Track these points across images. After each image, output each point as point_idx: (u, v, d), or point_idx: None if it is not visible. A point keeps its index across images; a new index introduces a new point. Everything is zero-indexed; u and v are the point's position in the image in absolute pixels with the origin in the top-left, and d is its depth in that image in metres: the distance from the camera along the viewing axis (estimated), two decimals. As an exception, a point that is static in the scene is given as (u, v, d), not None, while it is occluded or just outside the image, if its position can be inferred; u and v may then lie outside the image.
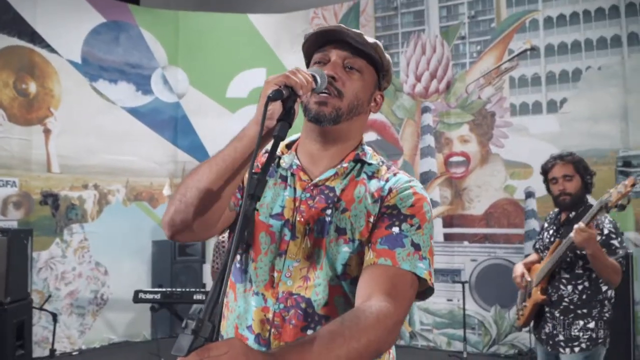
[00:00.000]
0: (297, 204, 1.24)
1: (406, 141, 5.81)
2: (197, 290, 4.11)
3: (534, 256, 2.83)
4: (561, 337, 2.52)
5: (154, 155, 6.04)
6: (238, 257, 1.27)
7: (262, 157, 1.31)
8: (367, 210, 1.21)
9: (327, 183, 1.25)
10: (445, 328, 5.44)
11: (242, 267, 1.26)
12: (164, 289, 4.13)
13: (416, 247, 1.15)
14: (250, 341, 1.20)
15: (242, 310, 1.24)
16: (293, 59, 6.14)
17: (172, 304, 4.15)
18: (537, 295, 2.64)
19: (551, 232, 2.72)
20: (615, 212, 2.44)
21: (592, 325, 2.48)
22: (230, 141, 1.14)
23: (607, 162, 4.90)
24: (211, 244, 6.01)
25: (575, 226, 2.37)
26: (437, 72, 5.68)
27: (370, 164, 1.29)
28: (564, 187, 2.60)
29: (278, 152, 1.32)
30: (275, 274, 1.21)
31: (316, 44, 1.28)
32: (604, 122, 4.98)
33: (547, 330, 2.59)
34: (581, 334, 2.48)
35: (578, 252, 2.49)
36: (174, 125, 6.15)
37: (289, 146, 1.34)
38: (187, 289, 4.16)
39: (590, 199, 2.66)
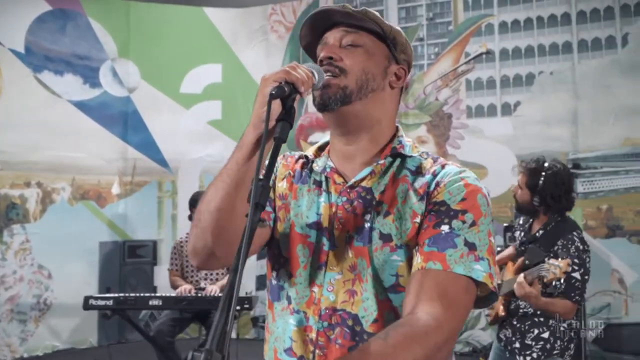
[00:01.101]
0: (334, 209, 1.12)
1: (364, 141, 5.80)
2: (153, 295, 3.92)
3: (510, 250, 2.82)
4: (517, 345, 2.51)
5: (102, 151, 5.75)
6: (275, 273, 1.17)
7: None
8: (413, 210, 1.06)
9: (363, 184, 1.12)
10: (402, 327, 5.47)
11: (279, 283, 1.15)
12: (116, 295, 3.92)
13: (470, 246, 1.00)
14: None
15: (280, 332, 1.13)
16: (250, 55, 6.02)
17: (125, 310, 3.94)
18: (499, 306, 2.64)
19: (521, 235, 2.73)
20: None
21: (546, 335, 2.46)
22: (232, 153, 1.05)
23: (558, 164, 5.07)
24: (163, 243, 5.80)
25: (518, 279, 2.39)
26: (395, 73, 5.70)
27: (411, 157, 1.13)
28: (514, 192, 2.67)
29: (310, 155, 1.21)
30: (316, 289, 1.10)
31: (313, 38, 1.18)
32: (555, 125, 5.15)
33: (507, 334, 2.59)
34: (534, 343, 2.47)
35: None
36: (124, 120, 5.88)
37: (321, 149, 1.22)
38: (142, 294, 3.96)
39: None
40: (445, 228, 1.02)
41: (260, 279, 5.75)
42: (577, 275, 2.39)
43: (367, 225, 1.08)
